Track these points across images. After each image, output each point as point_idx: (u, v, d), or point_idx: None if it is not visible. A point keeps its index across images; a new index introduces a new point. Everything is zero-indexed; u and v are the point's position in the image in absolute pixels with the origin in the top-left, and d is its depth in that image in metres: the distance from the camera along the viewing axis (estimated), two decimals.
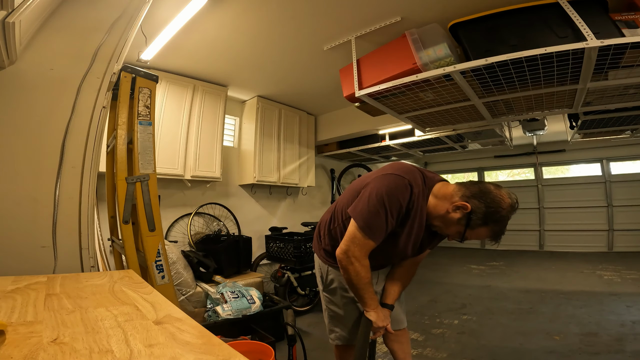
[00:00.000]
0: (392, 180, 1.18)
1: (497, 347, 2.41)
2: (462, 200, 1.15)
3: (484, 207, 1.11)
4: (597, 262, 5.19)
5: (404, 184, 1.17)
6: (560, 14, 1.87)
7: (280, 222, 4.42)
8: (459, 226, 1.17)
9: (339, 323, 1.46)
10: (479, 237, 1.17)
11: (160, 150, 2.94)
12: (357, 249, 1.19)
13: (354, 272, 1.21)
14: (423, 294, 3.83)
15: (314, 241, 1.57)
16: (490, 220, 1.12)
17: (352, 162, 5.80)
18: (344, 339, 1.45)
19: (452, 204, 1.16)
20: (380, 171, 1.26)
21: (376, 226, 1.16)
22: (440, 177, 1.30)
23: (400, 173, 1.19)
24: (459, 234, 1.18)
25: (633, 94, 2.39)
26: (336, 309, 1.46)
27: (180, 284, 2.59)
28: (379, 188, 1.17)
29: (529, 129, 3.95)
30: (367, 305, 1.29)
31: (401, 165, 1.25)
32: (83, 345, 0.52)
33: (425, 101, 2.63)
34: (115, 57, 1.44)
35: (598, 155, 6.34)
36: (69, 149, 1.25)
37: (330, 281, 1.45)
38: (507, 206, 1.12)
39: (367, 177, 1.31)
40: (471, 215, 1.13)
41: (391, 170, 1.22)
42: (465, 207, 1.13)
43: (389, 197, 1.15)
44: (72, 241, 1.22)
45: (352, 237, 1.20)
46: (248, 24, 2.45)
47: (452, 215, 1.17)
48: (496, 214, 1.11)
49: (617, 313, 2.93)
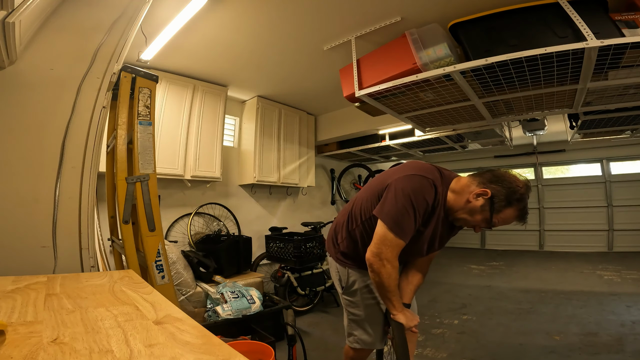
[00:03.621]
0: (418, 181, 1.20)
1: (497, 347, 2.41)
2: (480, 187, 1.18)
3: (503, 189, 1.15)
4: (597, 262, 5.19)
5: (429, 184, 1.20)
6: (560, 14, 1.87)
7: (280, 222, 4.42)
8: (484, 212, 1.19)
9: (359, 327, 1.44)
10: (506, 220, 1.19)
11: (160, 150, 2.94)
12: (389, 251, 1.19)
13: (386, 275, 1.20)
14: (423, 294, 3.83)
15: (329, 245, 1.54)
16: (513, 200, 1.15)
17: (352, 162, 5.80)
18: (362, 342, 1.43)
19: (472, 192, 1.19)
20: (401, 171, 1.26)
21: (406, 225, 1.18)
22: (455, 174, 1.32)
23: (424, 173, 1.22)
24: (486, 220, 1.20)
25: (633, 94, 2.38)
26: (357, 311, 1.44)
27: (180, 284, 2.59)
28: (405, 188, 1.19)
29: (529, 129, 3.95)
30: (395, 307, 1.28)
31: (422, 165, 1.27)
32: (83, 345, 0.53)
33: (425, 101, 2.63)
34: (115, 57, 1.44)
35: (598, 155, 6.33)
36: (69, 149, 1.25)
37: (352, 283, 1.43)
38: (522, 185, 1.16)
39: (386, 178, 1.30)
40: (493, 199, 1.16)
41: (413, 170, 1.23)
42: (486, 193, 1.17)
43: (415, 197, 1.17)
44: (72, 241, 1.22)
45: (383, 238, 1.19)
46: (248, 24, 2.45)
47: (475, 204, 1.19)
48: (516, 193, 1.15)
49: (617, 313, 2.93)
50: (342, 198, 5.62)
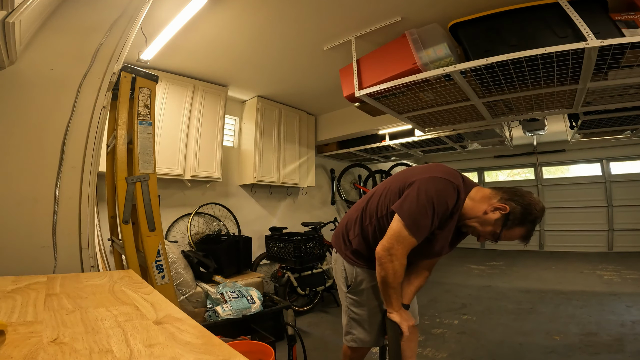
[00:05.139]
0: (443, 184, 1.22)
1: (497, 347, 2.41)
2: (501, 202, 1.21)
3: (520, 209, 1.19)
4: (597, 262, 5.19)
5: (453, 189, 1.22)
6: (560, 14, 1.87)
7: (280, 222, 4.42)
8: (495, 226, 1.23)
9: (359, 325, 1.44)
10: (513, 237, 1.24)
11: (160, 150, 2.94)
12: (400, 247, 1.21)
13: (392, 271, 1.22)
14: (423, 294, 3.82)
15: (338, 242, 1.53)
16: (526, 221, 1.21)
17: (352, 162, 5.80)
18: (359, 341, 1.44)
19: (491, 205, 1.22)
20: (427, 172, 1.27)
21: (422, 225, 1.19)
22: (476, 183, 1.35)
23: (449, 177, 1.24)
24: (494, 234, 1.24)
25: (633, 94, 2.38)
26: (360, 310, 1.44)
27: (180, 284, 2.59)
28: (429, 189, 1.20)
29: (529, 129, 3.95)
30: (392, 305, 1.29)
31: (448, 169, 1.29)
32: (83, 345, 0.52)
33: (425, 101, 2.63)
34: (115, 57, 1.44)
35: (598, 155, 6.33)
36: (69, 149, 1.25)
37: (359, 282, 1.43)
38: (539, 209, 1.22)
39: (409, 176, 1.31)
40: (509, 216, 1.20)
41: (440, 173, 1.25)
42: (504, 209, 1.20)
43: (438, 199, 1.19)
44: (72, 241, 1.22)
45: (397, 234, 1.21)
46: (248, 23, 2.45)
47: (490, 216, 1.22)
48: (530, 215, 1.20)
49: (617, 313, 2.93)
50: (342, 198, 5.62)
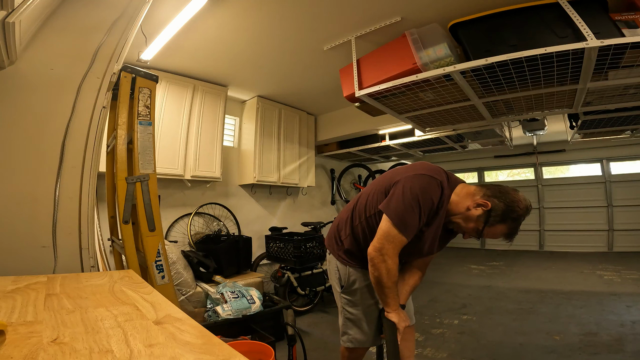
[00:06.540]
0: (426, 181, 1.23)
1: (497, 347, 2.41)
2: (483, 198, 1.23)
3: (503, 206, 1.20)
4: (597, 262, 5.19)
5: (436, 184, 1.23)
6: (560, 14, 1.87)
7: (280, 222, 4.42)
8: (478, 223, 1.24)
9: (354, 325, 1.44)
10: (495, 234, 1.24)
11: (160, 150, 2.94)
12: (391, 247, 1.22)
13: (385, 270, 1.23)
14: (423, 294, 3.83)
15: (330, 243, 1.53)
16: (507, 218, 1.21)
17: (352, 162, 5.81)
18: (356, 341, 1.44)
19: (474, 201, 1.23)
20: (411, 170, 1.29)
21: (410, 222, 1.20)
22: (462, 180, 1.36)
23: (432, 174, 1.25)
24: (477, 231, 1.25)
25: (633, 94, 2.38)
26: (355, 310, 1.44)
27: (180, 284, 2.59)
28: (413, 187, 1.21)
29: (529, 129, 3.95)
30: (390, 305, 1.29)
31: (430, 166, 1.31)
32: (83, 345, 0.52)
33: (425, 101, 2.63)
34: (115, 57, 1.44)
35: (598, 155, 6.33)
36: (69, 149, 1.25)
37: (352, 282, 1.43)
38: (523, 207, 1.21)
39: (394, 175, 1.32)
40: (491, 212, 1.21)
41: (422, 170, 1.27)
42: (486, 205, 1.21)
43: (423, 196, 1.20)
44: (72, 241, 1.22)
45: (386, 234, 1.22)
46: (248, 23, 2.45)
47: (473, 212, 1.23)
48: (513, 213, 1.20)
49: (617, 313, 2.93)
50: (342, 198, 5.62)
